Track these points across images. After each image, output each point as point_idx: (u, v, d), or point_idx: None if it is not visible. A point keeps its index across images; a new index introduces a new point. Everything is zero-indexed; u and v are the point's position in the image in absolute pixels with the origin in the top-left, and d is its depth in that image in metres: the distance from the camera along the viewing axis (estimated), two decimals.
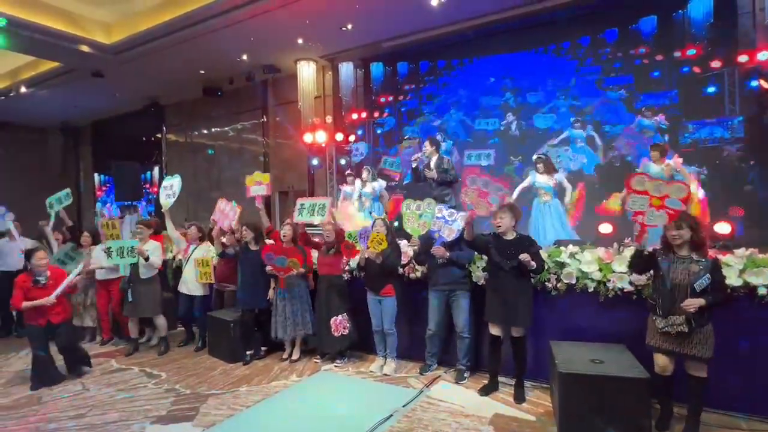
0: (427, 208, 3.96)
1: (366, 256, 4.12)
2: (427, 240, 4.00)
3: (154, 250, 4.96)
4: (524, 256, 3.34)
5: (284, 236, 4.70)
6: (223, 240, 4.77)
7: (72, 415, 3.63)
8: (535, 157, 5.89)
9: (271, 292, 4.65)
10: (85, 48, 8.33)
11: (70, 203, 5.90)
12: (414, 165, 5.43)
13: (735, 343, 3.14)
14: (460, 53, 8.52)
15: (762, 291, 3.08)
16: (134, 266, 4.91)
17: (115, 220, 5.10)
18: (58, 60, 9.12)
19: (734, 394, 3.16)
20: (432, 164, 5.41)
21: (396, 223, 4.91)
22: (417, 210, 4.01)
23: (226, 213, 4.91)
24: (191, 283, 5.07)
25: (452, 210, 3.92)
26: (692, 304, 2.76)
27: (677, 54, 6.67)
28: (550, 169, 5.58)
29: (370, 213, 6.30)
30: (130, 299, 4.93)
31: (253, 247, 4.68)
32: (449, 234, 3.82)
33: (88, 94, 10.95)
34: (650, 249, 3.06)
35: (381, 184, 6.56)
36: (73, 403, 3.84)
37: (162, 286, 5.24)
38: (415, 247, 4.11)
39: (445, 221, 3.85)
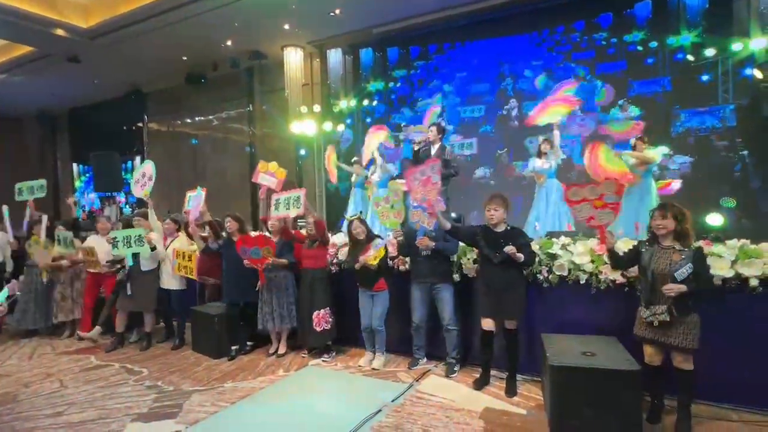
0: (395, 197, 3.87)
1: (358, 266, 4.02)
2: (410, 232, 3.92)
3: (157, 240, 4.83)
4: (510, 249, 3.28)
5: (272, 226, 4.58)
6: (203, 234, 4.63)
7: (49, 413, 3.49)
8: (542, 138, 5.76)
9: (259, 283, 4.54)
10: (60, 32, 8.01)
11: (42, 196, 5.67)
12: (416, 148, 5.26)
13: (726, 334, 3.13)
14: (452, 37, 8.36)
15: (754, 282, 3.07)
16: (135, 258, 4.73)
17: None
18: (31, 44, 8.76)
19: (725, 386, 3.15)
20: (433, 153, 5.26)
21: (453, 215, 4.76)
22: (386, 203, 3.91)
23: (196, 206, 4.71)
24: (167, 276, 4.92)
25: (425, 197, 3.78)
26: (671, 288, 2.74)
27: (671, 40, 6.62)
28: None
29: (361, 212, 6.16)
30: (129, 293, 4.77)
31: (236, 239, 4.55)
32: (430, 222, 3.71)
33: (65, 81, 10.57)
34: (635, 242, 3.09)
35: (390, 169, 6.36)
36: (50, 401, 3.70)
37: None
38: (401, 238, 4.03)
39: (423, 210, 3.72)
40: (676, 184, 5.47)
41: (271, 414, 3.39)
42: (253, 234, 4.73)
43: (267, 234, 4.65)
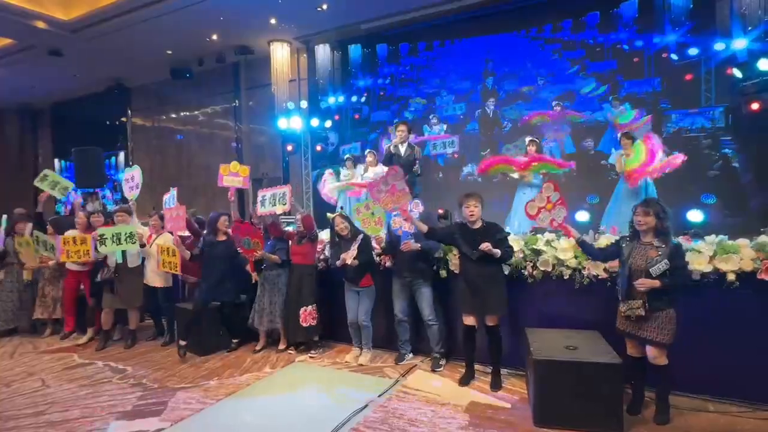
0: (374, 204, 3.89)
1: (340, 263, 4.02)
2: (393, 233, 3.97)
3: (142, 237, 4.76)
4: (485, 246, 3.30)
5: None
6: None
7: (30, 412, 3.44)
8: (528, 139, 5.88)
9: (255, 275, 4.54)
10: (41, 24, 7.83)
11: (58, 198, 5.62)
12: (393, 150, 5.36)
13: (705, 328, 3.20)
14: (441, 35, 8.37)
15: (731, 277, 3.15)
16: (122, 255, 4.63)
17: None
18: (11, 37, 8.55)
19: (703, 378, 3.23)
20: (402, 152, 5.31)
21: (440, 211, 4.77)
22: (367, 210, 3.94)
23: (174, 216, 4.49)
24: (152, 274, 4.85)
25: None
26: (644, 283, 2.80)
27: (657, 40, 6.70)
28: (539, 152, 5.64)
29: (341, 208, 6.20)
30: (117, 290, 4.69)
31: (220, 238, 4.50)
32: (410, 227, 3.78)
33: (47, 74, 10.35)
34: (617, 237, 3.21)
35: (383, 169, 6.36)
36: (31, 400, 3.64)
37: None
38: (383, 244, 4.07)
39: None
40: (679, 158, 5.44)
41: (256, 411, 3.38)
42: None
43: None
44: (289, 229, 4.73)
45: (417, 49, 8.69)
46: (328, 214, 4.79)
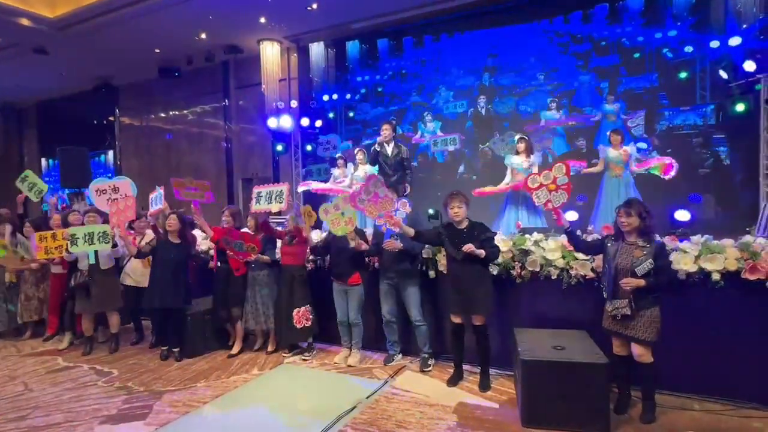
0: (344, 204, 3.83)
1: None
2: (379, 233, 3.97)
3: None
4: (467, 247, 3.29)
5: (248, 227, 4.52)
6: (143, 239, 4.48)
7: (12, 417, 3.37)
8: (518, 136, 5.87)
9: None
10: (25, 21, 7.69)
11: (34, 200, 5.46)
12: (379, 149, 5.29)
13: (690, 327, 3.23)
14: (444, 28, 8.23)
15: (715, 277, 3.18)
16: (94, 256, 4.51)
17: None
18: None
19: (689, 377, 3.26)
20: (389, 152, 5.26)
21: (431, 211, 4.74)
22: (336, 210, 3.88)
23: (123, 208, 4.36)
24: (138, 274, 4.78)
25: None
26: (629, 282, 2.83)
27: (658, 36, 6.68)
28: (529, 151, 5.61)
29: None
30: (92, 293, 4.56)
31: (174, 240, 4.37)
32: (395, 225, 3.71)
33: (32, 73, 10.18)
34: (602, 235, 3.27)
35: (372, 168, 6.28)
36: (13, 405, 3.57)
37: None
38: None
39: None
40: (673, 169, 5.42)
41: (244, 413, 3.35)
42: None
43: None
44: (279, 228, 4.68)
45: (415, 45, 8.52)
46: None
